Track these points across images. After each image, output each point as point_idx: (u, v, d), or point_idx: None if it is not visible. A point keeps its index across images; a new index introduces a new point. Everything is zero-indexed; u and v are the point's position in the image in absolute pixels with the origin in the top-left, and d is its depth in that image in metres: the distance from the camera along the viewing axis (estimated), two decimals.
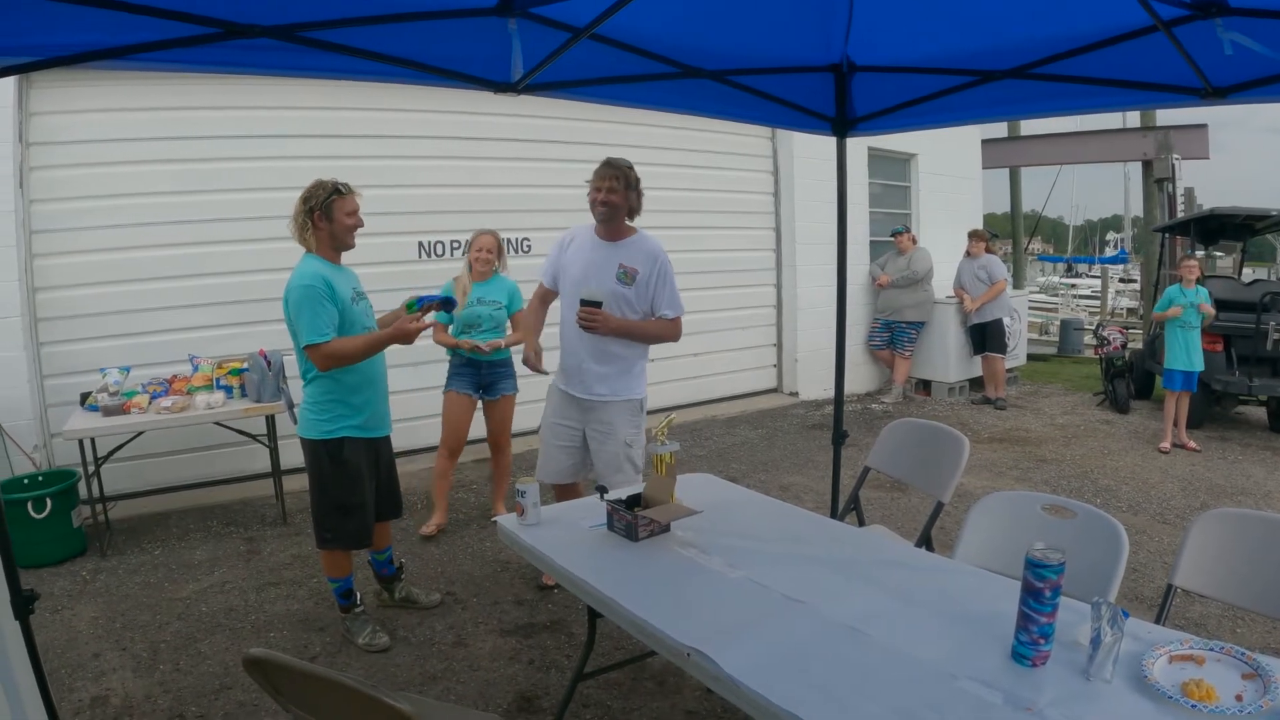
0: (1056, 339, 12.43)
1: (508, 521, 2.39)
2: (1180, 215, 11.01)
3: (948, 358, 7.92)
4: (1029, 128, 15.09)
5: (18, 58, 1.91)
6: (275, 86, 5.01)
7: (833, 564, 2.08)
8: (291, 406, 4.12)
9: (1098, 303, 21.43)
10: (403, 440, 4.08)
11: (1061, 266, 31.60)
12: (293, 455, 3.45)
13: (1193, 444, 6.04)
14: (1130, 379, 7.63)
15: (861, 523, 3.05)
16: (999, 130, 14.43)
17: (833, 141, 3.39)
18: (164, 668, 2.97)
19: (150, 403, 4.11)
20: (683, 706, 2.67)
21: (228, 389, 4.34)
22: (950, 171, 9.00)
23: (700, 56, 2.74)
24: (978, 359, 7.89)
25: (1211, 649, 1.54)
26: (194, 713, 2.68)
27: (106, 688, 2.83)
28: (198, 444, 4.92)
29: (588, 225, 3.18)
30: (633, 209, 3.09)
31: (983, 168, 9.92)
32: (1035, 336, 13.19)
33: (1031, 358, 9.89)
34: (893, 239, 7.85)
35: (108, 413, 3.97)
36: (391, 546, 3.40)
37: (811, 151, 7.09)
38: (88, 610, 3.45)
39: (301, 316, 2.75)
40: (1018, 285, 13.72)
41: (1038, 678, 1.49)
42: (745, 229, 7.52)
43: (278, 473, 4.54)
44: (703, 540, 2.23)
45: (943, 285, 7.99)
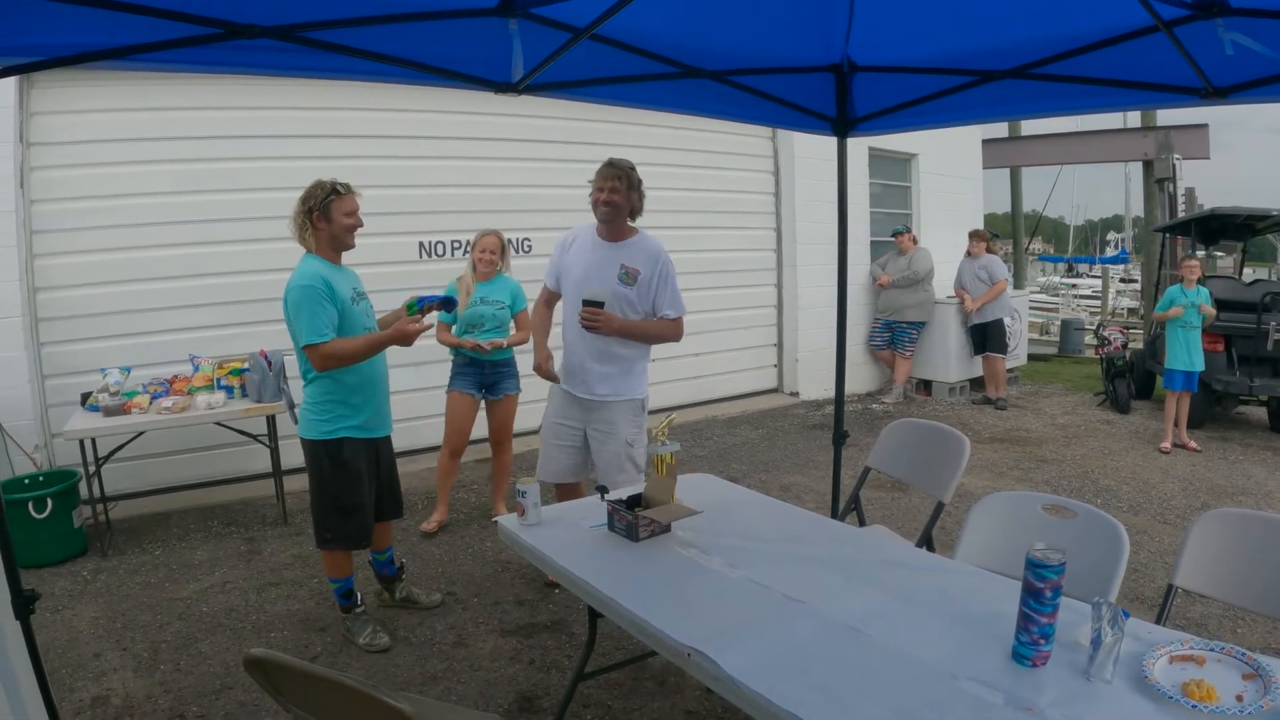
0: (1057, 339, 12.43)
1: (508, 521, 2.39)
2: (1181, 215, 11.01)
3: (948, 358, 7.92)
4: (1029, 128, 15.12)
5: (18, 58, 1.91)
6: (276, 87, 5.01)
7: (833, 564, 2.08)
8: (292, 406, 4.12)
9: (1098, 303, 21.45)
10: (404, 440, 4.09)
11: (1062, 266, 31.63)
12: (293, 455, 3.45)
13: (1193, 444, 6.04)
14: (1131, 379, 7.63)
15: (862, 523, 3.05)
16: (1000, 130, 14.45)
17: (833, 141, 3.39)
18: (165, 668, 2.97)
19: (151, 403, 4.11)
20: (683, 707, 2.67)
21: (228, 389, 4.35)
22: (951, 171, 9.00)
23: (701, 57, 2.74)
24: (978, 359, 7.89)
25: (1212, 649, 1.54)
26: (195, 713, 2.68)
27: (107, 688, 2.84)
28: (198, 444, 4.92)
29: (589, 225, 3.18)
30: (634, 209, 3.10)
31: (983, 168, 9.91)
32: (1036, 336, 13.19)
33: (1032, 358, 9.88)
34: (893, 239, 7.85)
35: (108, 413, 3.98)
36: (392, 547, 3.40)
37: (812, 151, 7.10)
38: (88, 610, 3.45)
39: (300, 316, 2.75)
40: (1018, 285, 13.72)
41: (1038, 678, 1.49)
42: (746, 229, 7.52)
43: (278, 473, 4.54)
44: (703, 540, 2.23)
45: (943, 285, 7.98)
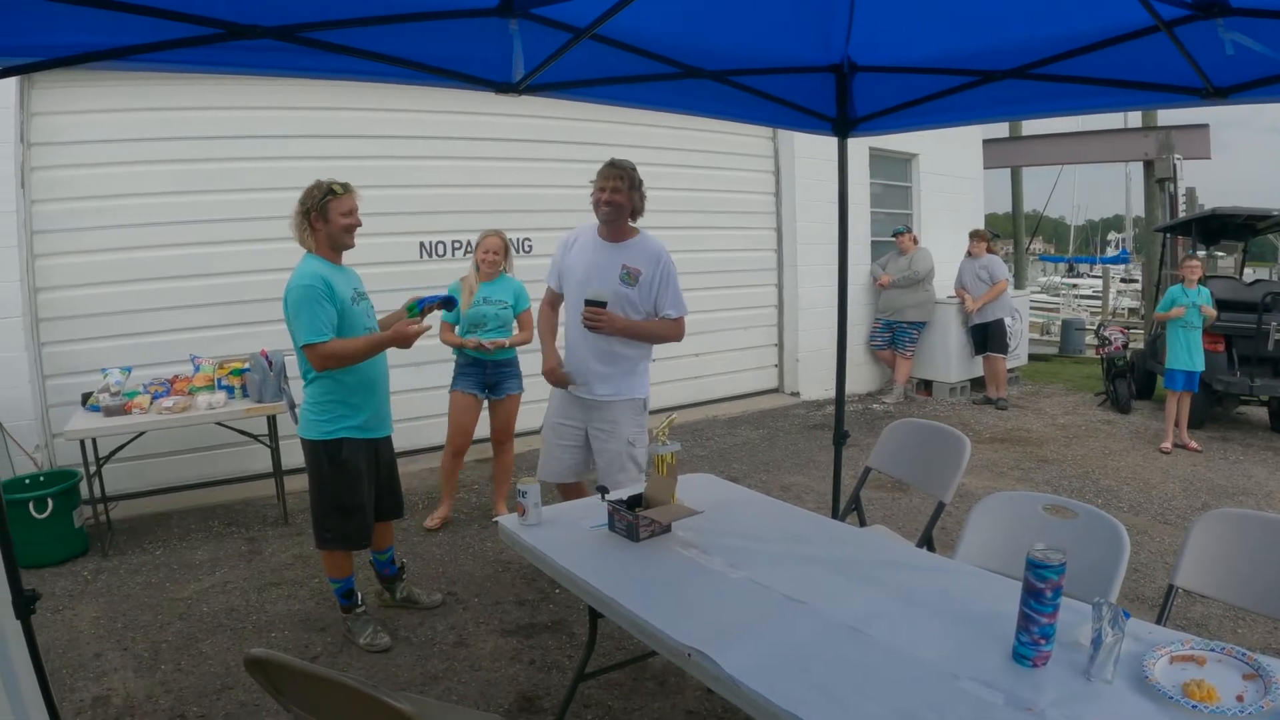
0: (1058, 339, 12.43)
1: (509, 522, 2.40)
2: (1182, 215, 11.02)
3: (949, 358, 7.92)
4: (1030, 128, 15.11)
5: (19, 58, 1.91)
6: (276, 87, 5.02)
7: (834, 564, 2.08)
8: (293, 407, 4.12)
9: (1099, 303, 21.43)
10: (404, 440, 4.09)
11: (1063, 266, 31.60)
12: (294, 455, 3.45)
13: (1194, 444, 6.04)
14: (1131, 379, 7.62)
15: (863, 523, 3.05)
16: (1000, 130, 14.45)
17: (834, 141, 3.39)
18: (165, 668, 2.97)
19: (152, 403, 4.12)
20: (684, 707, 2.67)
21: (229, 389, 4.35)
22: (951, 171, 9.00)
23: (701, 57, 2.74)
24: (979, 359, 7.89)
25: (1212, 649, 1.54)
26: (195, 713, 2.68)
27: (108, 688, 2.84)
28: (199, 444, 4.93)
29: (590, 226, 3.18)
30: (636, 209, 3.10)
31: (984, 168, 9.91)
32: (1036, 336, 13.18)
33: (1033, 358, 9.88)
34: (894, 239, 7.85)
35: (109, 413, 3.98)
36: (393, 547, 3.41)
37: (812, 151, 7.09)
38: (89, 610, 3.46)
39: (300, 316, 2.76)
40: (1019, 285, 13.73)
41: (1039, 678, 1.49)
42: (746, 229, 7.52)
43: (279, 473, 4.54)
44: (704, 540, 2.23)
45: (944, 285, 7.98)
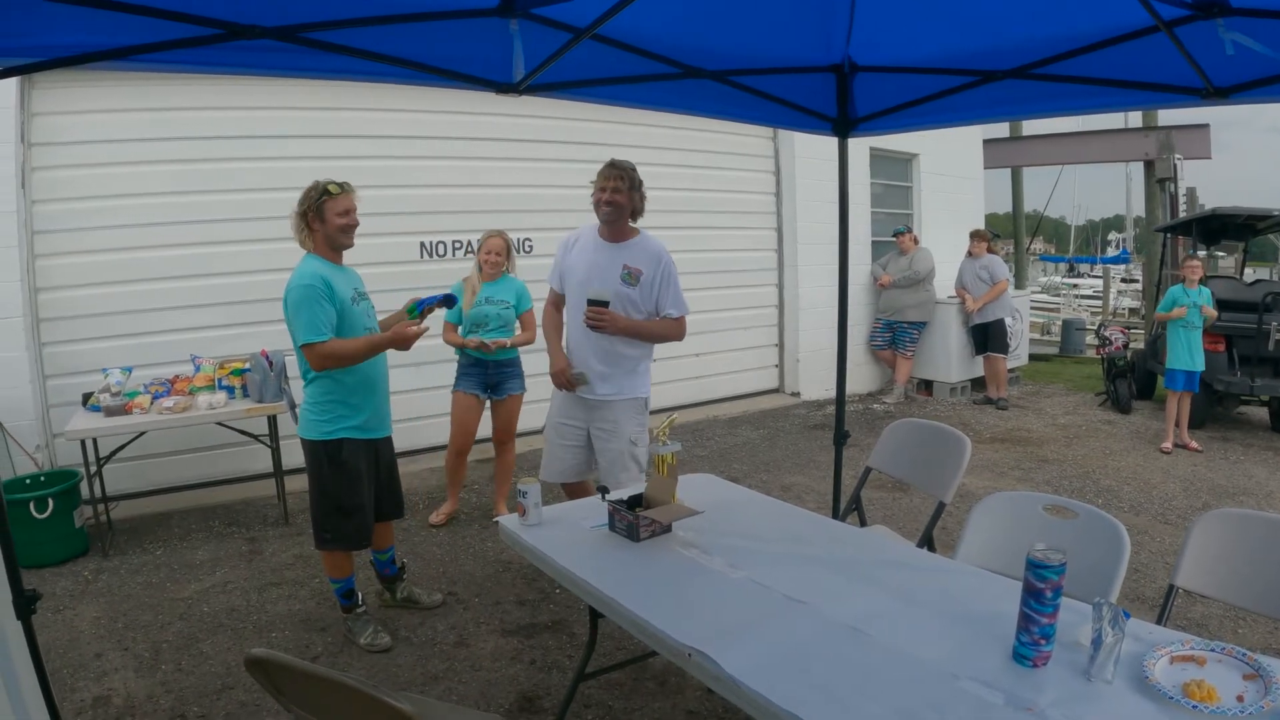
0: (1058, 339, 12.42)
1: (509, 522, 2.40)
2: (1182, 215, 11.01)
3: (949, 358, 7.91)
4: (1030, 128, 15.11)
5: (19, 58, 1.91)
6: (277, 87, 5.02)
7: (834, 564, 2.08)
8: (293, 407, 4.12)
9: (1099, 303, 21.42)
10: (405, 440, 4.10)
11: (1063, 266, 31.59)
12: (294, 455, 3.45)
13: (1194, 444, 6.04)
14: (1132, 379, 7.62)
15: (863, 523, 3.05)
16: (1001, 130, 14.45)
17: (834, 142, 3.39)
18: (166, 668, 2.98)
19: (152, 403, 4.12)
20: (684, 707, 2.67)
21: (230, 389, 4.35)
22: (952, 171, 9.00)
23: (701, 57, 2.74)
24: (979, 359, 7.89)
25: (1213, 649, 1.54)
26: (196, 713, 2.68)
27: (108, 688, 2.84)
28: (200, 444, 4.93)
29: (591, 226, 3.19)
30: (636, 210, 3.11)
31: (984, 168, 9.91)
32: (1037, 336, 13.17)
33: (1033, 358, 9.88)
34: (894, 239, 7.85)
35: (110, 413, 3.98)
36: (394, 547, 3.41)
37: (813, 151, 7.09)
38: (89, 610, 3.46)
39: (299, 316, 2.76)
40: (1019, 285, 13.73)
41: (1039, 678, 1.49)
42: (747, 229, 7.52)
43: (279, 473, 4.54)
44: (704, 540, 2.23)
45: (944, 285, 7.98)
